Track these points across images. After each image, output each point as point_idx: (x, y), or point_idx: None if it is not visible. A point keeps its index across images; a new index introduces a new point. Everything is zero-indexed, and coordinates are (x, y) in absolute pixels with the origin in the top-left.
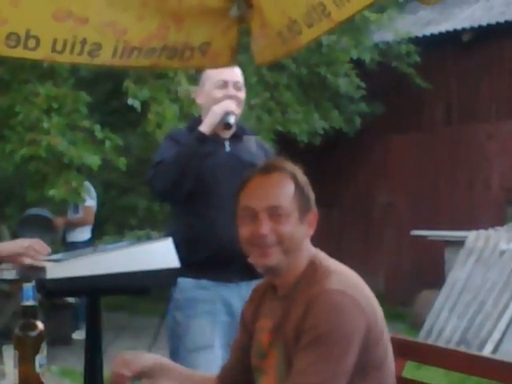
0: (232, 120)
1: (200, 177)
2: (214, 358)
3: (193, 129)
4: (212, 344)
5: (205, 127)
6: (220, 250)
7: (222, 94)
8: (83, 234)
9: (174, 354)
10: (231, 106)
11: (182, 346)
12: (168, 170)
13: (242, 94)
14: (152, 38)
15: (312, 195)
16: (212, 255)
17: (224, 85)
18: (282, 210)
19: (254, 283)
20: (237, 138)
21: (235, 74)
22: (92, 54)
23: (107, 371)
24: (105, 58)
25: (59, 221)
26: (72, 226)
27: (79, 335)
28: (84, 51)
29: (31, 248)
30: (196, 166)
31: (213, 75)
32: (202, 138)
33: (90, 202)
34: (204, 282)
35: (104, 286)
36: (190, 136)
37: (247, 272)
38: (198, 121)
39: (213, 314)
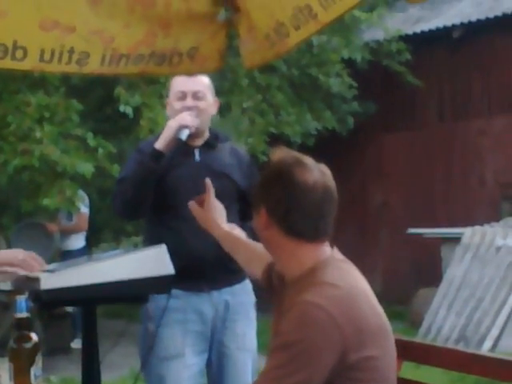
0: (184, 135)
1: (168, 188)
2: (184, 367)
3: (158, 137)
4: (183, 353)
5: (159, 143)
6: (191, 260)
7: (181, 106)
8: (77, 241)
9: (145, 363)
10: (186, 119)
11: (153, 355)
12: (124, 190)
13: (204, 103)
14: (140, 44)
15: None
16: (183, 266)
17: (182, 96)
18: None
19: (225, 291)
20: (209, 146)
21: (196, 83)
22: (80, 62)
23: (106, 378)
24: (93, 66)
25: (53, 227)
26: (67, 233)
27: (78, 344)
28: (72, 60)
29: (25, 261)
30: (153, 184)
31: (173, 86)
32: (157, 154)
33: (84, 209)
34: (175, 291)
35: (99, 295)
36: (145, 153)
37: (218, 281)
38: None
39: (184, 323)
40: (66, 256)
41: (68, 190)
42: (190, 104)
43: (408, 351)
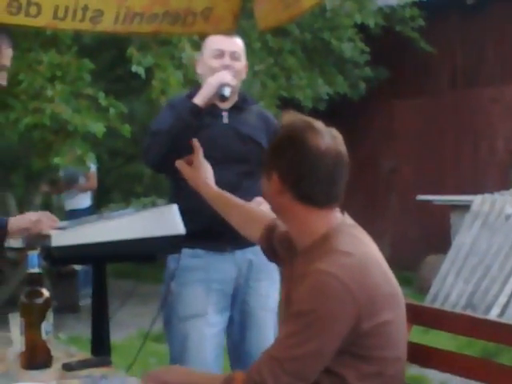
0: (227, 92)
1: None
2: (207, 326)
3: (191, 96)
4: (205, 312)
5: (199, 99)
6: (213, 219)
7: (218, 64)
8: (83, 200)
9: (167, 323)
10: (226, 77)
11: (175, 314)
12: (161, 142)
13: (240, 64)
14: (154, 3)
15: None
16: (206, 226)
17: (220, 54)
18: None
19: (249, 250)
20: (237, 109)
21: (233, 43)
22: (94, 20)
23: (114, 337)
24: (107, 24)
25: (44, 187)
26: (81, 190)
27: (85, 302)
28: (86, 18)
29: (40, 222)
30: (189, 139)
31: (210, 44)
32: (196, 110)
33: (93, 167)
34: (198, 251)
35: (109, 253)
36: (184, 107)
37: (241, 240)
38: (198, 89)
39: (207, 282)
40: (71, 215)
41: (79, 148)
42: (228, 63)
43: (418, 316)
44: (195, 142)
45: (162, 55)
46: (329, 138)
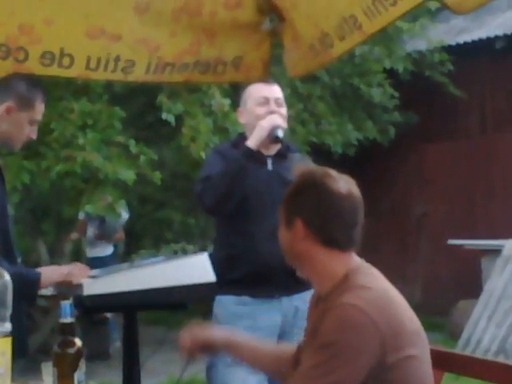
0: (280, 133)
1: (242, 194)
2: (251, 374)
3: (237, 145)
4: None
5: (252, 142)
6: (260, 266)
7: (264, 111)
8: (106, 249)
9: (212, 367)
10: (277, 119)
11: (221, 361)
12: (216, 185)
13: (284, 110)
14: (185, 53)
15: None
16: (252, 271)
17: (265, 101)
18: None
19: (296, 297)
20: (280, 156)
21: (276, 90)
22: (126, 70)
23: None
24: (138, 74)
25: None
26: (113, 241)
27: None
28: (118, 68)
29: (72, 275)
30: (243, 181)
31: (253, 93)
32: (249, 153)
33: (124, 216)
34: (245, 298)
35: (140, 301)
36: (237, 151)
37: (288, 287)
38: (242, 138)
39: (252, 330)
40: (93, 262)
41: (110, 196)
42: (274, 108)
43: (448, 362)
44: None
45: (192, 102)
46: (345, 183)
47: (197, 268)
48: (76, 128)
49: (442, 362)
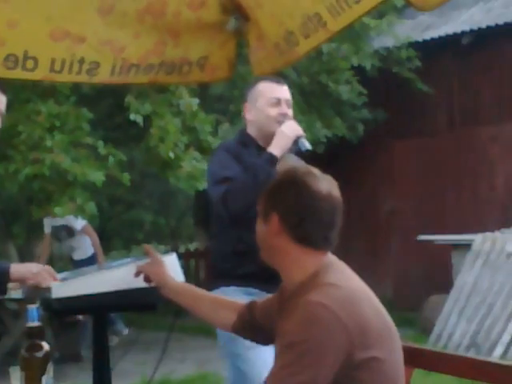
0: (308, 145)
1: None
2: (268, 355)
3: (244, 143)
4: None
5: (277, 151)
6: (261, 271)
7: (276, 113)
8: (87, 250)
9: (236, 355)
10: (299, 128)
11: (241, 345)
12: (245, 193)
13: (291, 112)
14: (150, 54)
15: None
16: (263, 267)
17: (277, 103)
18: None
19: None
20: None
21: (286, 91)
22: (90, 72)
23: None
24: (103, 75)
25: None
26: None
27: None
28: (82, 70)
29: (40, 276)
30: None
31: (265, 92)
32: (275, 161)
33: (82, 222)
34: (251, 289)
35: (110, 303)
36: (262, 158)
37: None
38: (246, 135)
39: None
40: (79, 265)
41: (79, 198)
42: (286, 111)
43: (418, 358)
44: (146, 247)
45: (160, 103)
46: (327, 183)
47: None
48: (44, 130)
49: (412, 358)
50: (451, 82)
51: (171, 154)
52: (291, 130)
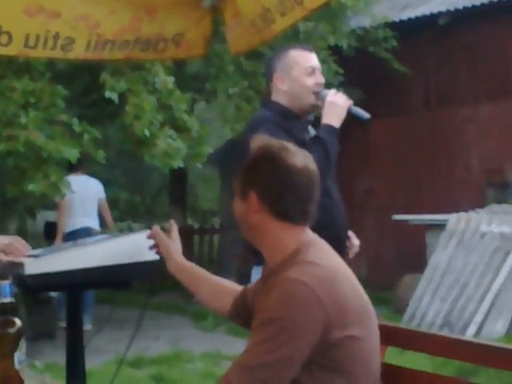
0: (366, 114)
1: None
2: None
3: (285, 115)
4: None
5: (336, 121)
6: (337, 238)
7: (313, 82)
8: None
9: None
10: (346, 99)
11: None
12: (321, 169)
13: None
14: (125, 30)
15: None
16: (332, 246)
17: (312, 72)
18: None
19: None
20: (313, 123)
21: (317, 59)
22: (65, 48)
23: (90, 364)
24: (78, 51)
25: None
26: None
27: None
28: (57, 46)
29: (11, 246)
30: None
31: (301, 61)
32: (337, 132)
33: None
34: None
35: (84, 280)
36: (325, 132)
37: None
38: (282, 106)
39: None
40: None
41: (53, 175)
42: (321, 80)
43: (392, 337)
44: (171, 222)
45: (136, 80)
46: (302, 157)
47: (140, 246)
48: (18, 107)
49: (386, 336)
50: (427, 63)
51: (146, 132)
52: (342, 100)
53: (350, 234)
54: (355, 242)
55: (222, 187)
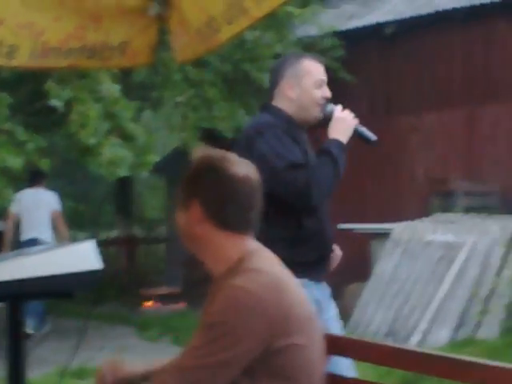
0: (373, 135)
1: None
2: None
3: (289, 122)
4: None
5: (343, 138)
6: (325, 249)
7: (320, 95)
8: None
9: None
10: (353, 118)
11: None
12: (330, 182)
13: None
14: (70, 38)
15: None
16: (319, 254)
17: (321, 84)
18: None
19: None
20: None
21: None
22: (9, 55)
23: (32, 375)
24: (22, 59)
25: None
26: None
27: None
28: (1, 53)
29: None
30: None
31: (314, 73)
32: (345, 148)
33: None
34: (304, 280)
35: (26, 290)
36: (333, 146)
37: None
38: (284, 114)
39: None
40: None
41: None
42: (329, 94)
43: (336, 346)
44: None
45: (81, 88)
46: (244, 167)
47: (83, 255)
48: None
49: (330, 345)
50: (374, 71)
51: (92, 141)
52: (350, 117)
53: (334, 246)
54: (338, 253)
55: (168, 196)
